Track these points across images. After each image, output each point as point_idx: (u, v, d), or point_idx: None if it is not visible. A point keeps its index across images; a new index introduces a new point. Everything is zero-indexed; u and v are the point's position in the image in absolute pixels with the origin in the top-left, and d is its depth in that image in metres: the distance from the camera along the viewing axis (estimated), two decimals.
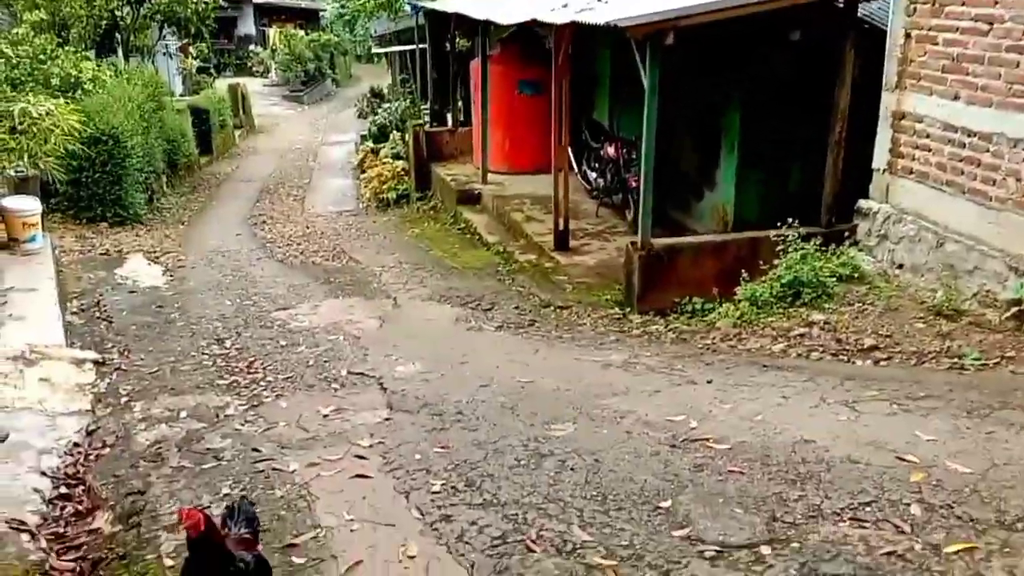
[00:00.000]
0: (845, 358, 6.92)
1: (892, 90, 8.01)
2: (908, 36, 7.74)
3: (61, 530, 4.66)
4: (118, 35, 18.81)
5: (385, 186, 16.95)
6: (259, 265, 11.79)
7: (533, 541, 4.32)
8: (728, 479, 4.87)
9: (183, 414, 6.37)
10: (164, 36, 22.15)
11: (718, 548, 4.17)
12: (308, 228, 14.81)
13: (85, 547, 4.52)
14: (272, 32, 37.19)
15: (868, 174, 8.49)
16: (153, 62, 19.90)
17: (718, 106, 11.52)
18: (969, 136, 7.22)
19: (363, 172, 19.39)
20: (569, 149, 12.42)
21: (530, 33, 16.12)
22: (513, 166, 15.61)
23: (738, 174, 11.54)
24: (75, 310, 9.15)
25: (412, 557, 4.23)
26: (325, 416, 6.20)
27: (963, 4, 7.12)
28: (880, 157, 8.28)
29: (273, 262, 12.07)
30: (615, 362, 7.20)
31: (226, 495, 4.96)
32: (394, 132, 21.03)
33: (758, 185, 11.26)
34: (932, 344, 6.83)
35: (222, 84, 28.78)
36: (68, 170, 13.06)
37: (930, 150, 7.67)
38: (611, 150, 13.05)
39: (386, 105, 23.75)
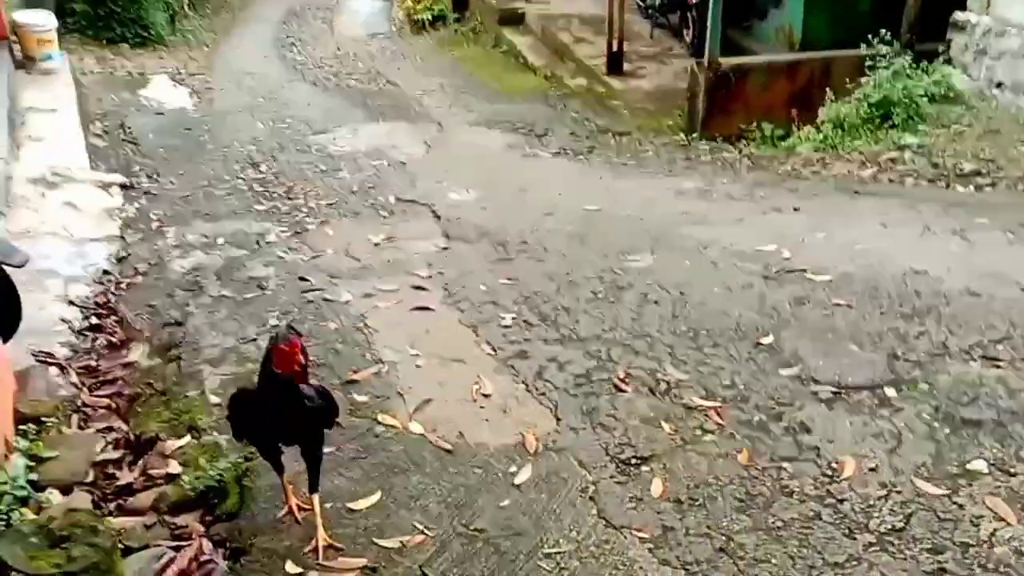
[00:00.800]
0: (943, 184, 6.26)
1: None
2: None
3: (93, 363, 4.24)
4: None
5: (420, 5, 15.79)
6: (291, 87, 11.04)
7: (621, 380, 3.87)
8: (835, 313, 4.35)
9: (220, 240, 5.91)
10: None
11: (834, 389, 3.70)
12: (339, 50, 13.87)
13: (120, 381, 4.11)
14: None
15: None
16: None
17: None
18: None
19: None
20: None
21: None
22: None
23: None
24: (98, 132, 8.57)
25: (487, 396, 3.80)
26: (376, 245, 5.71)
27: None
28: None
29: (306, 84, 11.30)
30: (689, 190, 6.59)
31: (274, 327, 4.52)
32: None
33: (828, 2, 10.24)
34: None
35: None
36: None
37: None
38: None
39: None
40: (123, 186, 7.01)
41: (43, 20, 9.43)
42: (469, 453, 3.37)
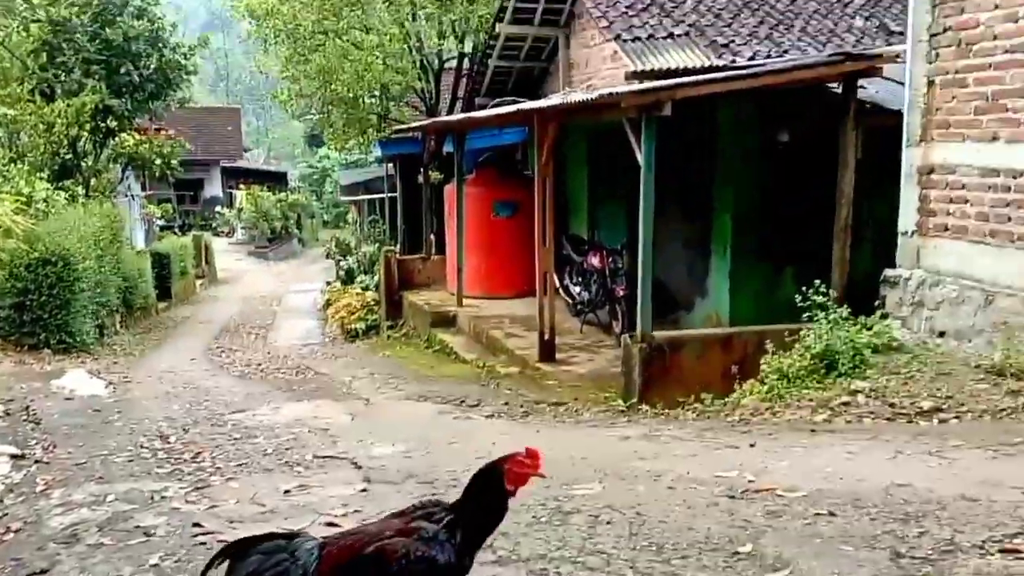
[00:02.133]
0: (905, 420, 5.89)
1: (916, 144, 7.40)
2: (931, 83, 7.19)
3: None
4: (79, 174, 18.15)
5: (354, 316, 15.99)
6: (214, 380, 10.58)
7: None
8: (817, 522, 3.74)
9: (111, 498, 5.12)
10: (127, 178, 21.57)
11: None
12: (269, 354, 13.68)
13: None
14: (239, 193, 37.09)
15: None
16: (114, 202, 19.18)
17: (706, 210, 11.04)
18: (1015, 177, 6.53)
19: (330, 310, 18.47)
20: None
21: (504, 155, 15.85)
22: (489, 291, 14.76)
23: (732, 278, 10.91)
24: None
25: None
26: (287, 492, 4.99)
27: (995, 38, 6.61)
28: (907, 219, 7.56)
29: (230, 377, 10.88)
30: (633, 435, 6.09)
31: (154, 566, 3.72)
32: (362, 275, 20.29)
33: (754, 287, 10.60)
34: (1004, 401, 5.84)
35: (187, 240, 28.16)
36: (11, 293, 11.99)
37: (967, 201, 6.96)
38: (595, 260, 12.29)
39: (355, 251, 23.16)
40: (13, 456, 6.27)
41: None
42: None
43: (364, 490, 4.89)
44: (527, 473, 2.32)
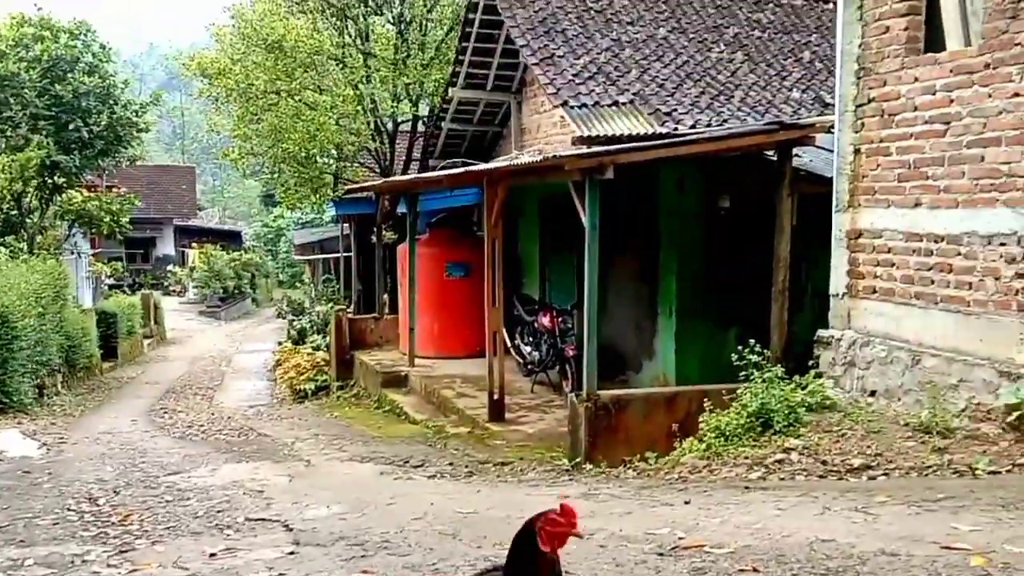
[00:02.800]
0: (836, 478, 5.97)
1: (845, 210, 7.62)
2: (858, 151, 7.45)
3: None
4: (23, 230, 17.90)
5: (303, 376, 15.80)
6: (152, 441, 10.36)
7: None
8: None
9: (29, 562, 4.98)
10: (75, 235, 21.28)
11: None
12: (214, 415, 13.44)
13: None
14: (192, 252, 36.76)
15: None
16: (59, 260, 18.88)
17: (652, 272, 11.22)
18: (936, 242, 6.76)
19: (279, 370, 18.25)
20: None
21: (457, 217, 15.96)
22: (442, 350, 14.73)
23: (677, 339, 11.05)
24: None
25: None
26: (212, 555, 4.90)
27: (915, 109, 6.89)
28: (838, 281, 7.75)
29: (170, 439, 10.66)
30: (572, 494, 6.07)
31: None
32: (315, 335, 20.11)
33: (699, 348, 10.73)
34: (930, 458, 5.94)
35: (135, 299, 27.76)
36: None
37: (893, 264, 7.17)
38: (545, 320, 12.36)
39: (308, 311, 22.98)
40: None
41: None
42: None
43: (292, 553, 4.82)
44: (562, 532, 2.15)
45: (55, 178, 18.17)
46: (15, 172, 16.17)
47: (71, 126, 17.66)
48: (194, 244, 37.65)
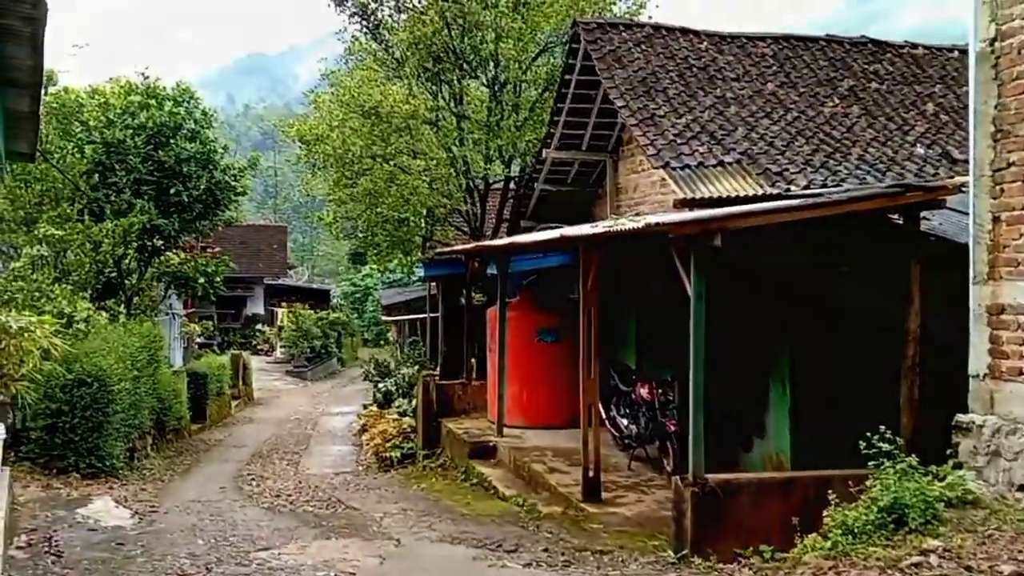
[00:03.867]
0: None
1: (984, 282, 7.00)
2: (997, 220, 6.85)
3: None
4: (122, 292, 18.28)
5: (389, 443, 15.55)
6: (242, 512, 10.18)
7: None
8: None
9: None
10: (170, 296, 21.69)
11: None
12: (300, 483, 13.25)
13: None
14: (281, 311, 37.36)
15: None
16: (154, 321, 19.21)
17: (764, 342, 10.57)
18: None
19: (365, 435, 18.06)
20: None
21: (550, 279, 15.61)
22: (531, 420, 14.30)
23: (792, 416, 10.30)
24: (21, 544, 7.60)
25: None
26: None
27: None
28: (978, 361, 7.08)
29: (258, 509, 10.47)
30: None
31: None
32: (400, 399, 19.93)
33: (818, 427, 9.99)
34: None
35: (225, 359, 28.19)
36: (44, 415, 11.80)
37: None
38: (644, 392, 11.84)
39: (393, 373, 22.86)
40: None
41: None
42: None
43: None
44: None
45: (154, 241, 18.58)
46: (118, 236, 16.55)
47: (172, 190, 18.05)
48: (283, 303, 38.27)
